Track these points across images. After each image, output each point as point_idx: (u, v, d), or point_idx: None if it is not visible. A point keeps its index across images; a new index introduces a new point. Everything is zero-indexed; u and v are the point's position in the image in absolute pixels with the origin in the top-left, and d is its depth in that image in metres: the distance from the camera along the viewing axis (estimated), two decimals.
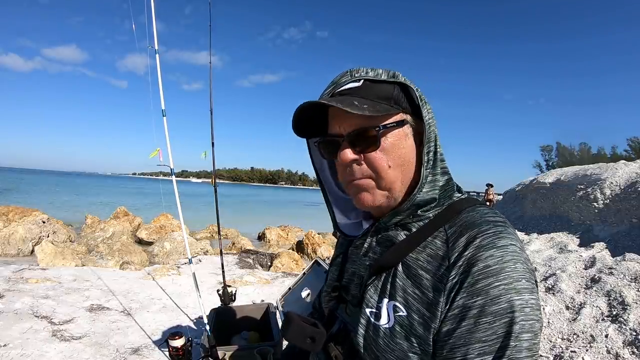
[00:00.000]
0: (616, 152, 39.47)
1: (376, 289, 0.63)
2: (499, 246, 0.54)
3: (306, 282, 2.62)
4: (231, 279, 5.43)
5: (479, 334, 0.51)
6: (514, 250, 0.54)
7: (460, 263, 0.54)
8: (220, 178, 37.44)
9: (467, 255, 0.54)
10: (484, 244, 0.54)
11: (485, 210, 0.61)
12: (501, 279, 0.52)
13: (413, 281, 0.59)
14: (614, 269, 3.42)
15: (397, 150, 0.62)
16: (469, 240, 0.55)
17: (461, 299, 0.53)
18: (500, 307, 0.51)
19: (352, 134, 0.62)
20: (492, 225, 0.57)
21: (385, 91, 0.62)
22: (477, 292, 0.52)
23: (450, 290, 0.54)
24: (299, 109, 0.63)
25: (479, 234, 0.56)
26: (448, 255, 0.56)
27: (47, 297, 4.11)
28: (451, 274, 0.55)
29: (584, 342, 2.64)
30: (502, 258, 0.53)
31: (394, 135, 0.62)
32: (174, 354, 1.92)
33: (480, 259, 0.53)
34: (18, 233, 7.91)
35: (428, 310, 0.55)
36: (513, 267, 0.53)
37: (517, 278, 0.52)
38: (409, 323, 0.57)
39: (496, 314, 0.51)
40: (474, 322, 0.51)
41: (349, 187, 0.66)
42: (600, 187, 6.62)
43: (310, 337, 0.66)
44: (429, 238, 0.60)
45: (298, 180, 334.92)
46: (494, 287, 0.51)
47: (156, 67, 2.31)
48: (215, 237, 11.19)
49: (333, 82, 0.66)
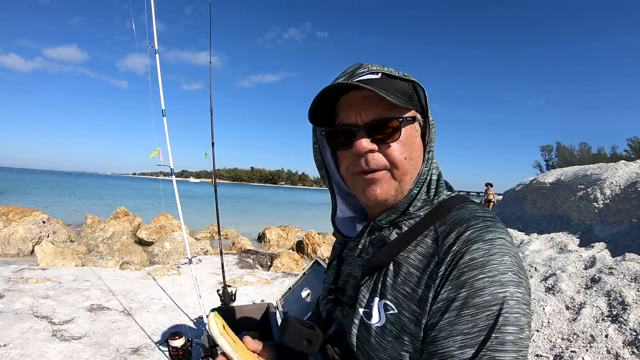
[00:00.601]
0: (616, 152, 39.49)
1: (368, 289, 0.63)
2: (486, 239, 0.54)
3: (306, 282, 2.62)
4: (231, 279, 5.43)
5: (460, 325, 0.51)
6: (501, 243, 0.54)
7: (448, 258, 0.54)
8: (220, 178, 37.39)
9: (454, 249, 0.55)
10: (471, 238, 0.55)
11: (474, 207, 0.61)
12: (486, 271, 0.51)
13: (404, 279, 0.59)
14: (614, 269, 3.41)
15: (411, 145, 0.64)
16: (458, 236, 0.56)
17: (445, 292, 0.53)
18: (484, 299, 0.50)
19: (371, 124, 0.61)
20: (480, 220, 0.57)
21: (402, 87, 0.63)
22: (461, 284, 0.52)
23: (438, 285, 0.54)
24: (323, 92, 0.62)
25: (468, 228, 0.56)
26: (438, 252, 0.57)
27: (47, 297, 4.11)
28: (440, 268, 0.55)
29: (584, 342, 2.64)
30: (488, 251, 0.53)
31: (408, 130, 0.63)
32: (174, 354, 1.92)
33: (467, 251, 0.53)
34: (18, 233, 7.91)
35: (418, 307, 0.55)
36: (500, 259, 0.52)
37: (503, 271, 0.52)
38: (400, 320, 0.57)
39: (479, 306, 0.50)
40: (456, 315, 0.51)
41: (357, 178, 0.65)
42: (600, 187, 6.62)
43: (307, 339, 0.66)
44: (420, 237, 0.61)
45: (298, 180, 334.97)
46: (478, 280, 0.51)
47: (156, 67, 2.32)
48: (215, 237, 11.19)
49: (346, 72, 0.66)
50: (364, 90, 0.60)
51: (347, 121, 0.64)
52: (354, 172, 0.65)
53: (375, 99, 0.60)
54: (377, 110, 0.61)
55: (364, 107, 0.62)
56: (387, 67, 0.65)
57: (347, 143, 0.63)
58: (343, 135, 0.64)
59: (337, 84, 0.61)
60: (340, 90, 0.63)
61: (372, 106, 0.61)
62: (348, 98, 0.64)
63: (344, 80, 0.63)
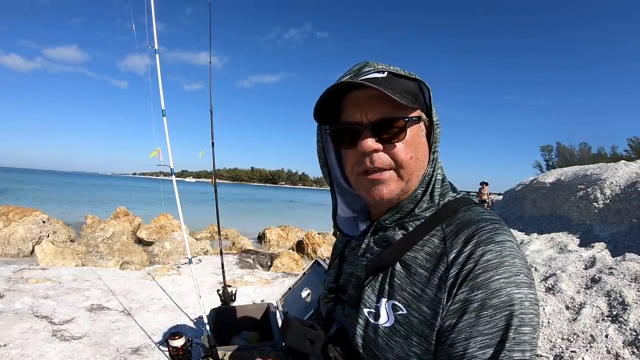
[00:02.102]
0: (616, 152, 39.41)
1: (374, 289, 0.63)
2: (497, 241, 0.55)
3: (306, 282, 2.62)
4: (231, 279, 5.43)
5: (480, 327, 0.51)
6: (511, 246, 0.55)
7: (460, 260, 0.55)
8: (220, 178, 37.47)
9: (466, 251, 0.55)
10: (482, 240, 0.55)
11: (481, 210, 0.62)
12: (501, 272, 0.52)
13: (412, 279, 0.59)
14: (614, 269, 3.41)
15: (416, 145, 0.63)
16: (468, 237, 0.56)
17: (462, 293, 0.53)
18: (501, 299, 0.51)
19: (377, 123, 0.61)
20: (489, 223, 0.58)
21: (408, 86, 0.62)
22: (477, 285, 0.52)
23: (452, 286, 0.54)
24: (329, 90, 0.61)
25: (477, 230, 0.56)
26: (446, 252, 0.57)
27: (47, 297, 4.11)
28: (451, 270, 0.55)
29: (584, 342, 2.64)
30: (500, 253, 0.54)
31: (413, 129, 0.63)
32: (174, 354, 1.92)
33: (480, 253, 0.54)
34: (18, 233, 7.91)
35: (429, 307, 0.55)
36: (512, 261, 0.53)
37: (516, 272, 0.53)
38: (410, 321, 0.57)
39: (496, 307, 0.51)
40: (475, 316, 0.52)
41: (362, 178, 0.64)
42: (600, 187, 6.62)
43: (309, 339, 0.66)
44: (427, 236, 0.61)
45: (298, 180, 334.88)
46: (494, 281, 0.52)
47: (156, 67, 2.32)
48: (215, 237, 11.19)
49: (351, 70, 0.65)
50: (369, 89, 0.59)
51: (352, 120, 0.63)
52: (359, 171, 0.64)
53: (381, 98, 0.59)
54: (382, 109, 0.61)
55: (370, 106, 0.61)
56: (393, 65, 0.64)
57: (352, 142, 0.63)
58: (348, 134, 0.64)
59: (343, 82, 0.60)
60: (346, 88, 0.62)
61: (378, 105, 0.61)
62: (353, 96, 0.63)
63: (350, 78, 0.63)
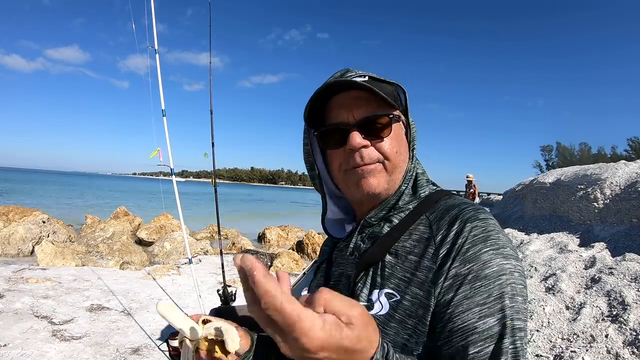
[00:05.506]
0: (616, 152, 39.42)
1: (365, 284, 0.64)
2: (480, 218, 0.59)
3: (306, 282, 2.62)
4: (231, 279, 5.42)
5: (476, 297, 0.53)
6: (494, 223, 0.59)
7: (448, 239, 0.58)
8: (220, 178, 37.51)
9: (453, 230, 0.58)
10: (467, 217, 0.59)
11: (461, 198, 0.66)
12: (489, 245, 0.56)
13: (402, 266, 0.61)
14: (614, 269, 3.41)
15: (400, 141, 0.68)
16: (452, 218, 0.60)
17: (454, 268, 0.55)
18: (493, 269, 0.54)
19: (364, 121, 0.64)
20: (469, 205, 0.63)
21: (388, 88, 0.67)
22: (468, 259, 0.55)
23: (443, 264, 0.56)
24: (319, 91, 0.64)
25: (460, 211, 0.61)
26: (433, 236, 0.60)
27: (47, 297, 4.11)
28: (441, 250, 0.58)
29: (584, 342, 2.64)
30: (485, 228, 0.58)
31: (396, 126, 0.67)
32: (174, 354, 1.92)
33: (468, 230, 0.57)
34: (18, 233, 7.91)
35: (421, 289, 0.57)
36: (497, 236, 0.57)
37: (503, 245, 0.56)
38: (404, 305, 0.58)
39: (489, 276, 0.53)
40: (470, 287, 0.54)
41: (351, 172, 0.66)
42: (600, 187, 6.62)
43: None
44: (412, 226, 0.64)
45: (298, 180, 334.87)
46: (483, 253, 0.55)
47: (156, 67, 2.32)
48: (215, 237, 11.19)
49: (334, 76, 0.70)
50: (354, 91, 0.64)
51: (339, 120, 0.66)
52: (347, 167, 0.67)
53: (365, 98, 0.64)
54: (368, 108, 0.65)
55: (355, 106, 0.65)
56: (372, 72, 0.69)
57: (339, 142, 0.66)
58: (335, 134, 0.67)
59: (334, 81, 0.64)
60: (331, 92, 0.66)
61: (363, 105, 0.65)
62: (339, 99, 0.67)
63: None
